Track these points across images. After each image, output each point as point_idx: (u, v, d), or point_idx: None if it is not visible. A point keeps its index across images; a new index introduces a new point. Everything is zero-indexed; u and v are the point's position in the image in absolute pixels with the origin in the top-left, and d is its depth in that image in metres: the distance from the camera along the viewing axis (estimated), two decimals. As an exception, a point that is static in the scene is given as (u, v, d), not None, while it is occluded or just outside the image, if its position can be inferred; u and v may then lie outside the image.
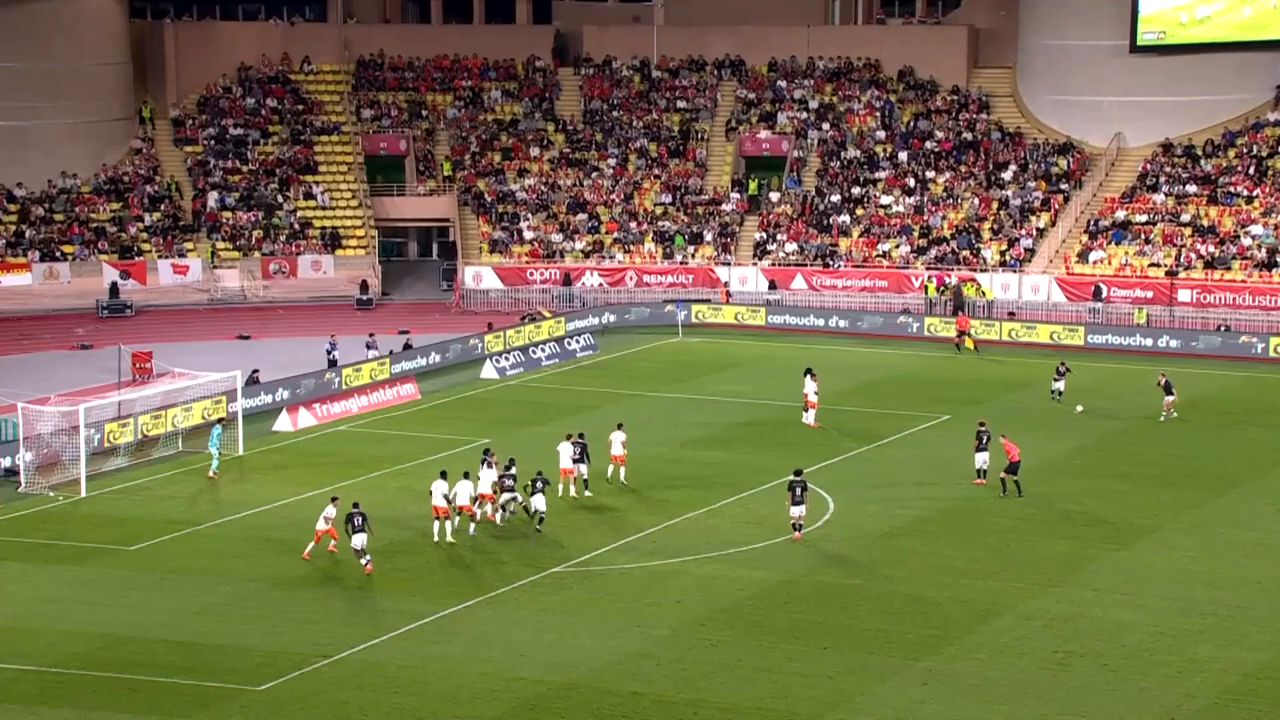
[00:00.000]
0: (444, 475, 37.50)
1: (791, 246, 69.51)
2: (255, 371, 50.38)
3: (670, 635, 31.54)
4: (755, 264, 68.82)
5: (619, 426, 42.18)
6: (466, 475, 37.62)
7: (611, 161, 73.86)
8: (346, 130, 74.32)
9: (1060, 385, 50.32)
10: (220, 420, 43.49)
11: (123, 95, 71.86)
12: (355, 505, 35.31)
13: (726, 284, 67.41)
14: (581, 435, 40.95)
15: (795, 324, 63.52)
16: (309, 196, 71.65)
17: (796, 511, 37.02)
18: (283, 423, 47.30)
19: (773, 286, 67.54)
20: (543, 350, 57.51)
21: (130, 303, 64.60)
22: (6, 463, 41.73)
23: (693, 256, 69.46)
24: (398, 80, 76.94)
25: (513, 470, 38.70)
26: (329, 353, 54.27)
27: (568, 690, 29.08)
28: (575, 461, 40.32)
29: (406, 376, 53.03)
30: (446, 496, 36.77)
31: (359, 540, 34.68)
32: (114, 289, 65.08)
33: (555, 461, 40.58)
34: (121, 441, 43.79)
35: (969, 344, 59.02)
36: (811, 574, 35.18)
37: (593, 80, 77.46)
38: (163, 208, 69.55)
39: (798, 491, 37.05)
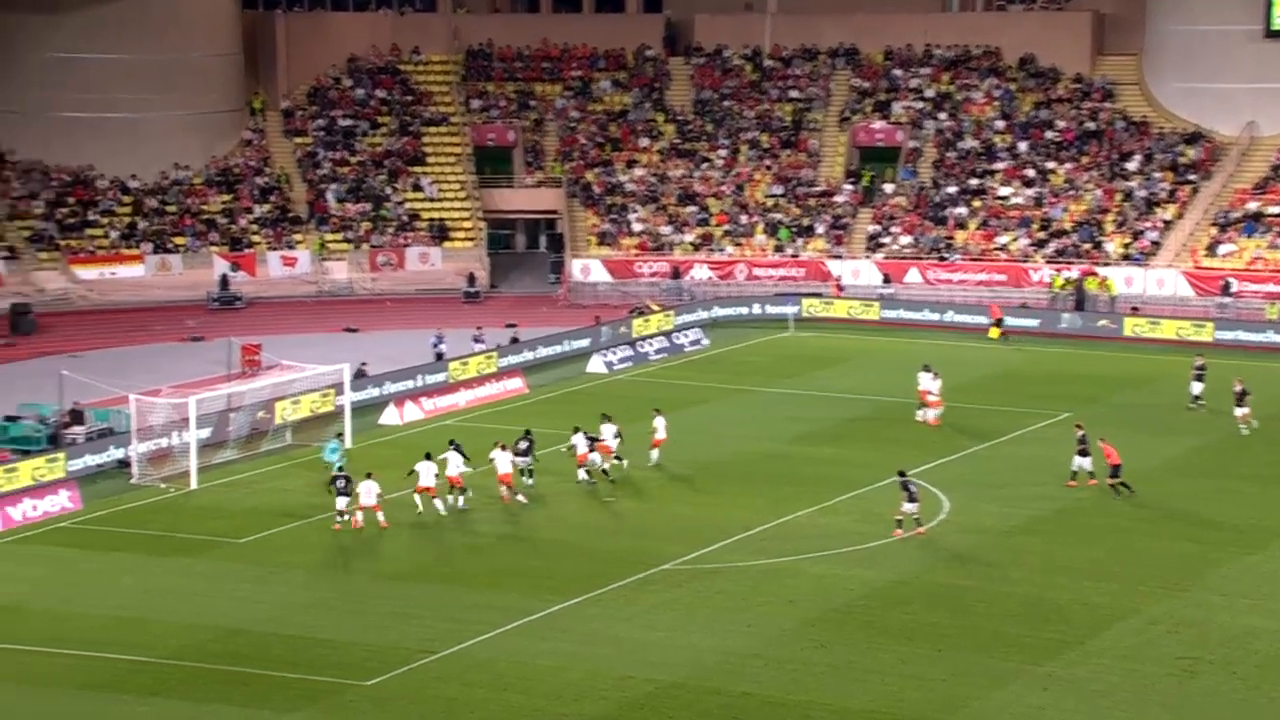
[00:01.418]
0: (429, 456, 38.64)
1: (906, 239, 68.90)
2: (363, 364, 50.97)
3: (781, 635, 31.43)
4: (868, 257, 68.29)
5: (658, 412, 42.78)
6: (429, 456, 38.61)
7: (722, 152, 73.73)
8: (455, 121, 74.94)
9: (1199, 389, 48.71)
10: (339, 435, 43.55)
11: (234, 87, 73.06)
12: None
13: (838, 277, 66.99)
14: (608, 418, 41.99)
15: (909, 318, 62.87)
16: (417, 188, 72.37)
17: (910, 508, 36.74)
18: (389, 416, 47.81)
19: (886, 280, 66.98)
20: (650, 344, 57.58)
21: (240, 295, 65.70)
22: (119, 454, 42.60)
23: (804, 249, 69.14)
24: (506, 71, 77.42)
25: (525, 445, 40.20)
26: (435, 346, 54.77)
27: (676, 690, 29.08)
28: (590, 449, 41.01)
29: (513, 370, 53.36)
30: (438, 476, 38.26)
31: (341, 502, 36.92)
32: (224, 281, 66.22)
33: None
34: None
35: (994, 333, 58.27)
36: (925, 574, 34.87)
37: (703, 70, 77.37)
38: (272, 199, 70.64)
39: (911, 489, 36.78)
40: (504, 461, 39.78)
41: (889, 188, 71.44)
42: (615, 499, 40.46)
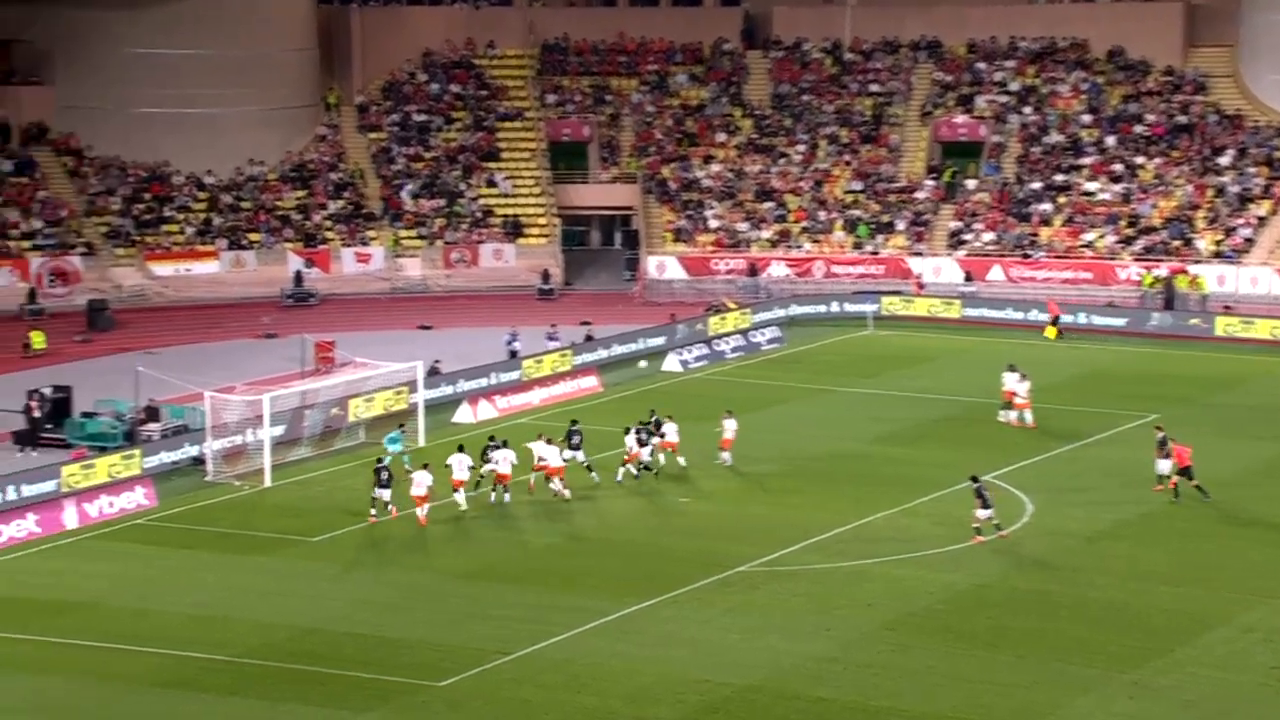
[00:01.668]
0: (461, 448, 39.47)
1: (988, 236, 68.42)
2: (436, 362, 51.34)
3: (859, 639, 31.34)
4: (950, 254, 67.88)
5: (729, 414, 42.85)
6: (462, 448, 39.53)
7: (800, 147, 73.53)
8: (530, 116, 75.25)
9: None
10: (401, 425, 44.05)
11: (309, 82, 73.74)
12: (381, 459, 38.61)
13: (919, 275, 66.61)
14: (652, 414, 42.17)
15: (992, 317, 62.38)
16: (491, 184, 72.75)
17: (984, 514, 36.46)
18: (463, 414, 48.12)
19: (968, 278, 66.53)
20: (727, 343, 57.54)
21: (314, 291, 66.35)
22: (194, 451, 43.16)
23: (884, 246, 68.82)
24: (582, 65, 77.63)
25: (578, 439, 40.79)
26: (509, 343, 55.05)
27: (752, 693, 29.08)
28: (640, 444, 41.16)
29: (588, 368, 53.51)
30: (472, 467, 38.97)
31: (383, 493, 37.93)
32: (298, 277, 66.90)
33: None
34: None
35: (1051, 332, 57.84)
36: (1007, 578, 34.63)
37: (782, 63, 77.19)
38: (346, 195, 71.25)
39: (984, 495, 36.49)
40: (546, 452, 39.84)
41: (971, 183, 70.94)
42: (690, 499, 40.49)
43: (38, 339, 56.75)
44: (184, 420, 44.97)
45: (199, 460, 42.89)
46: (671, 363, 55.22)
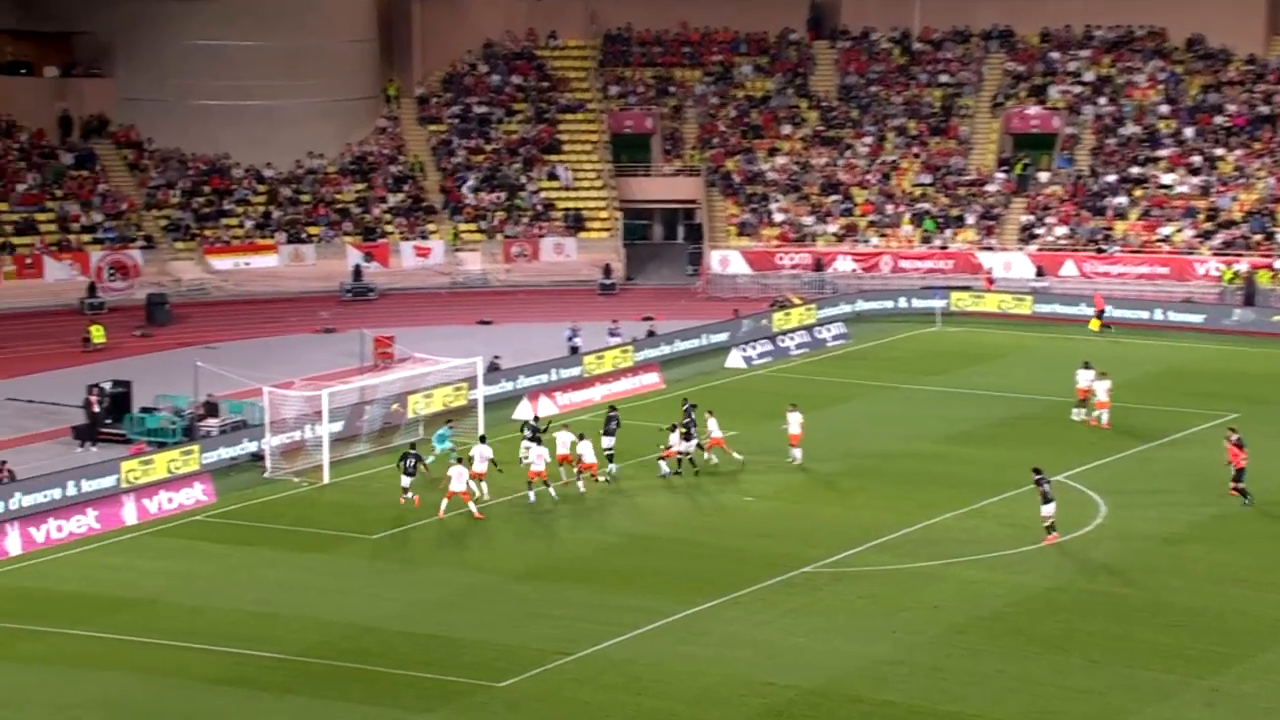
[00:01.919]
0: (484, 440, 40.25)
1: (1061, 230, 67.91)
2: (496, 358, 51.52)
3: (927, 642, 31.21)
4: (1021, 249, 67.44)
5: (794, 407, 42.77)
6: (484, 439, 40.36)
7: (868, 140, 73.23)
8: (592, 108, 75.36)
9: None
10: (449, 421, 44.32)
11: (369, 73, 74.19)
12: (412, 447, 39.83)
13: (989, 270, 66.20)
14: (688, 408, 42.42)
15: (1064, 313, 61.90)
16: (552, 177, 72.92)
17: (1048, 510, 36.19)
18: (523, 411, 48.25)
19: (1040, 273, 66.10)
20: (792, 339, 57.41)
21: (373, 285, 66.75)
22: (253, 447, 43.55)
23: (953, 240, 68.43)
24: (645, 55, 77.65)
25: (614, 425, 41.51)
26: (570, 339, 55.16)
27: (817, 696, 29.02)
28: (685, 439, 41.39)
29: (650, 364, 53.55)
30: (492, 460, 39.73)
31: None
32: (357, 271, 67.31)
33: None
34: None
35: (1095, 325, 57.77)
36: (1079, 581, 34.39)
37: (849, 53, 76.89)
38: (406, 188, 71.63)
39: (1046, 490, 36.22)
40: (583, 449, 40.50)
41: (1044, 176, 70.43)
42: (753, 498, 40.45)
43: (97, 333, 57.44)
44: (243, 416, 45.38)
45: (257, 456, 43.25)
46: (735, 359, 55.15)
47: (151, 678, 29.82)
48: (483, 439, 40.52)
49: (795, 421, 42.90)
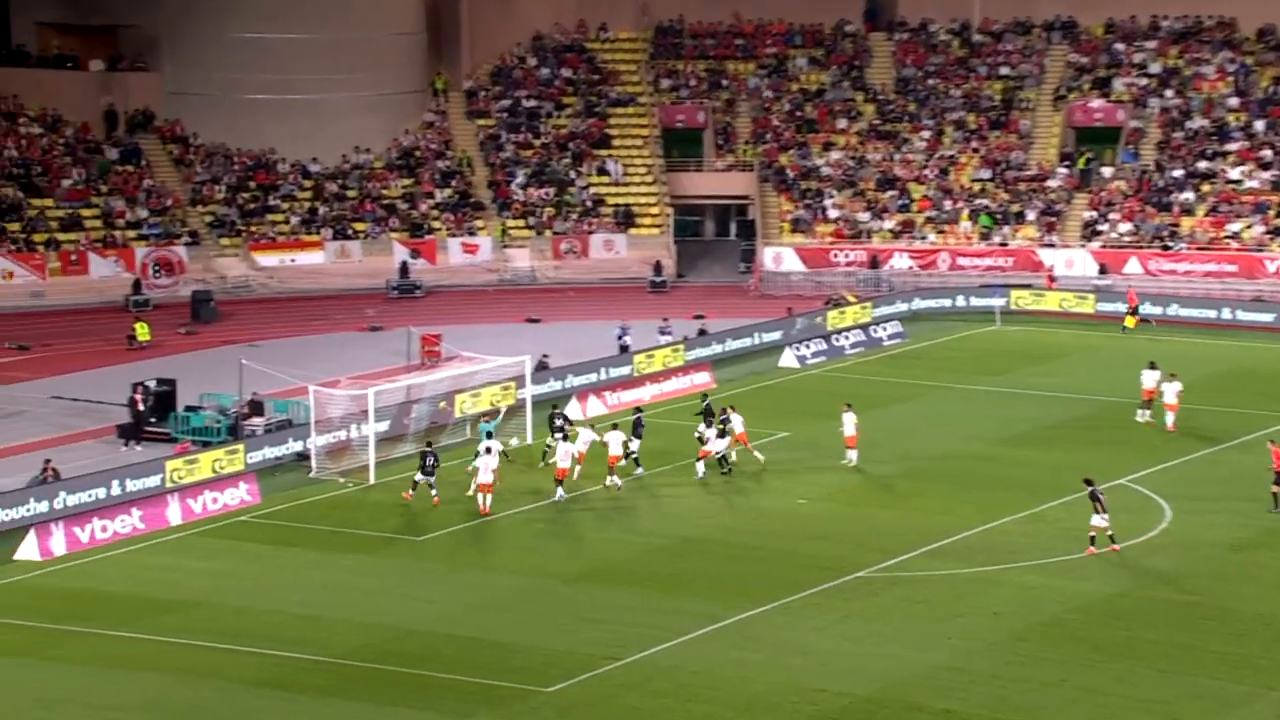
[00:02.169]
0: (489, 446, 39.93)
1: (1125, 226, 67.41)
2: (544, 356, 51.57)
3: (986, 649, 31.01)
4: (1083, 246, 67.00)
5: (848, 407, 42.66)
6: (489, 445, 40.08)
7: (925, 134, 72.89)
8: (643, 101, 75.34)
9: None
10: (486, 415, 44.35)
11: (416, 66, 74.44)
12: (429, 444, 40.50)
13: (1051, 268, 65.78)
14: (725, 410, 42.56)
15: (1128, 312, 61.48)
16: (602, 172, 72.95)
17: (1100, 521, 35.83)
18: (572, 410, 48.23)
19: (1103, 271, 65.67)
20: (846, 338, 57.21)
21: (420, 283, 66.96)
22: (298, 447, 43.75)
23: (1013, 237, 68.02)
24: (697, 48, 77.57)
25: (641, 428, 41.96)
26: (620, 338, 55.16)
27: (872, 705, 28.89)
28: (720, 435, 41.74)
29: (701, 364, 53.47)
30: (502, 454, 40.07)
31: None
32: (404, 268, 67.57)
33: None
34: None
35: (1130, 321, 57.75)
36: (1144, 588, 34.11)
37: (907, 45, 76.55)
38: (453, 184, 71.82)
39: (1101, 500, 35.86)
40: (611, 439, 40.94)
41: (1108, 171, 69.92)
42: (806, 500, 40.32)
43: (142, 331, 57.86)
44: (288, 415, 45.59)
45: (303, 456, 43.45)
46: (788, 359, 55.00)
47: (194, 679, 30.00)
48: (488, 450, 40.10)
49: (850, 422, 42.73)
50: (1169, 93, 72.07)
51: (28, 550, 36.69)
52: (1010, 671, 30.03)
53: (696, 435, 42.84)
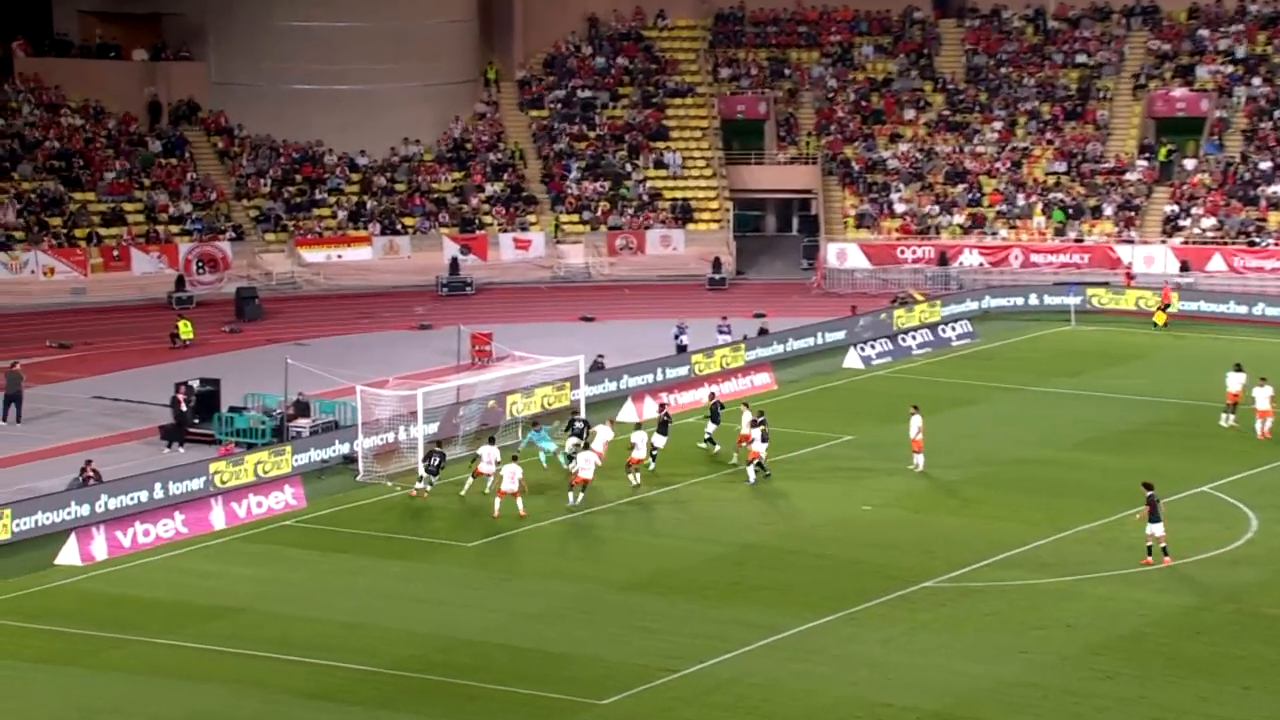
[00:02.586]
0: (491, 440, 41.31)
1: (1209, 221, 66.86)
2: (599, 356, 51.67)
3: (1060, 663, 30.87)
4: (1164, 242, 66.50)
5: (916, 409, 42.49)
6: (492, 440, 41.64)
7: (997, 125, 72.55)
8: (702, 92, 75.34)
9: None
10: (536, 424, 44.53)
11: (468, 55, 74.66)
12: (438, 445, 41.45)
13: (1129, 265, 65.35)
14: (761, 414, 42.68)
15: (1211, 311, 61.08)
16: (660, 165, 73.02)
17: (1155, 530, 35.50)
18: (627, 412, 48.34)
19: (1185, 268, 65.17)
20: (914, 338, 57.04)
21: (470, 280, 67.21)
22: (344, 449, 43.98)
23: (1090, 233, 67.63)
24: (758, 36, 77.49)
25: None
26: (677, 337, 55.19)
27: (940, 721, 28.86)
28: (763, 440, 41.86)
29: (762, 364, 53.44)
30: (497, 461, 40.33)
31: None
32: (454, 265, 67.83)
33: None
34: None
35: (1160, 318, 57.81)
36: (1229, 600, 33.84)
37: (978, 32, 76.21)
38: (505, 177, 72.04)
39: (1156, 507, 35.52)
40: (638, 436, 41.34)
41: (1190, 163, 69.40)
42: (872, 507, 40.23)
43: (185, 329, 58.34)
44: (334, 416, 45.86)
45: (349, 459, 43.70)
46: (852, 359, 54.87)
47: (239, 689, 30.24)
48: (514, 458, 40.42)
49: (916, 426, 42.58)
50: (1256, 80, 71.42)
51: (68, 555, 37.10)
52: (1085, 687, 29.86)
53: (707, 438, 43.47)
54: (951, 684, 30.09)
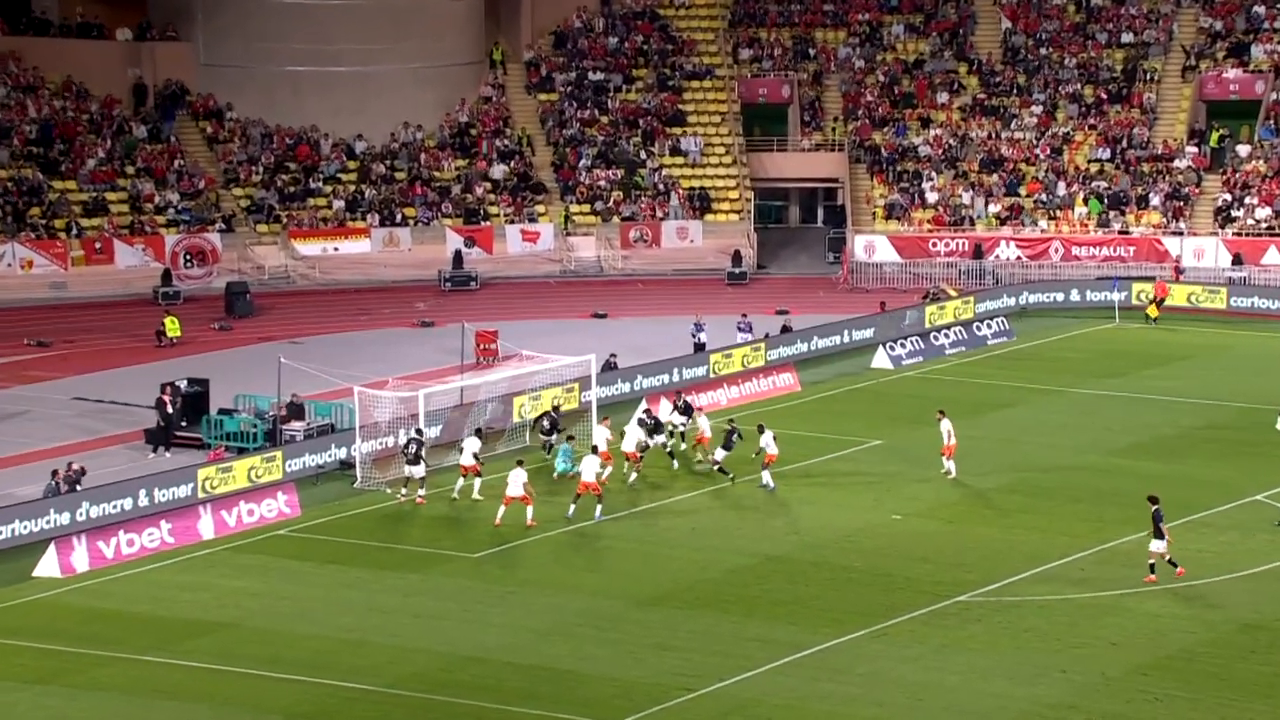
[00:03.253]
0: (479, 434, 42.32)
1: (1263, 212, 66.93)
2: (612, 355, 51.74)
3: (1104, 684, 30.89)
4: (1215, 234, 66.50)
5: (942, 414, 42.66)
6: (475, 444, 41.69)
7: (1036, 109, 72.58)
8: (721, 74, 75.42)
9: None
10: (570, 436, 44.60)
11: (472, 35, 74.79)
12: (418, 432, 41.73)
13: (1177, 258, 65.38)
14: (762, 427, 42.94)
15: (1265, 308, 61.10)
16: (676, 152, 73.10)
17: (1158, 546, 35.42)
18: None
19: (1237, 261, 65.22)
20: (946, 336, 57.09)
21: (475, 274, 67.34)
22: (341, 454, 44.07)
23: (1135, 224, 67.61)
24: (781, 15, 77.61)
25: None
26: (695, 335, 55.27)
27: (975, 745, 28.87)
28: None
29: (785, 364, 53.49)
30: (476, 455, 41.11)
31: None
32: (458, 258, 67.96)
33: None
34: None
35: (1153, 311, 58.44)
36: (1282, 618, 33.80)
37: (1015, 10, 76.27)
38: (512, 164, 72.14)
39: (1158, 523, 35.42)
40: (632, 428, 42.10)
41: (1243, 149, 69.44)
42: (901, 516, 40.26)
43: (172, 326, 58.50)
44: (330, 419, 45.97)
45: (346, 464, 43.80)
46: (881, 359, 54.92)
47: (228, 710, 30.33)
48: (519, 462, 40.54)
49: (946, 430, 42.59)
50: (1313, 62, 71.45)
51: (47, 566, 37.20)
52: (1130, 710, 29.87)
53: (681, 433, 44.46)
54: (986, 706, 30.10)
